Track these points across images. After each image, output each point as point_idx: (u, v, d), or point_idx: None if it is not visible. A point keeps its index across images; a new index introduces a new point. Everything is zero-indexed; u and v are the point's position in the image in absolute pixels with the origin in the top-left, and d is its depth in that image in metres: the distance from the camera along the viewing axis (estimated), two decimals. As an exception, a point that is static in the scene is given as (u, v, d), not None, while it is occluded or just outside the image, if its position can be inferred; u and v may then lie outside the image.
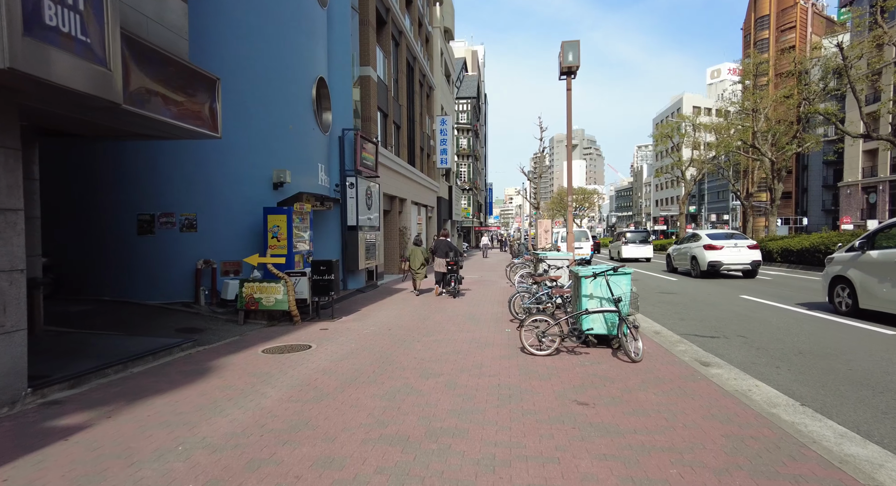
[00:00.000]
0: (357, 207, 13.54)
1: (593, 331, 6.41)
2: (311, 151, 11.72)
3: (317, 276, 9.10)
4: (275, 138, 10.42)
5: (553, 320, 6.21)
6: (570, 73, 10.82)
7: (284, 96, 10.66)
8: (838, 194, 52.58)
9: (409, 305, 11.15)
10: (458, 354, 6.33)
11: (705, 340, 7.65)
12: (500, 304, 11.00)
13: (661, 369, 5.61)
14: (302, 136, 11.28)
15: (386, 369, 5.59)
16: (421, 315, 9.59)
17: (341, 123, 13.57)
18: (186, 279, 9.48)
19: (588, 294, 6.60)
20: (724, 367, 6.01)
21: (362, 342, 7.09)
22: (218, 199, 9.74)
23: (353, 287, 13.97)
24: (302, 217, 10.29)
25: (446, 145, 31.53)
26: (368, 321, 8.94)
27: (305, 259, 10.28)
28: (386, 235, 19.32)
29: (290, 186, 10.68)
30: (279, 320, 8.93)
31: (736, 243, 15.97)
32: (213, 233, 9.71)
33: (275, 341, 7.24)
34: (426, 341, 7.09)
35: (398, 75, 21.48)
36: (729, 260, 15.76)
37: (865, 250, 8.71)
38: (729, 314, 9.74)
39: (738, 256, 15.83)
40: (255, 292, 8.68)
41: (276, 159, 10.39)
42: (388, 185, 18.16)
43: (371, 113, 16.36)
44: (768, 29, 64.74)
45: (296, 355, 6.32)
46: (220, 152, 9.71)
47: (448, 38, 40.07)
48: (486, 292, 13.32)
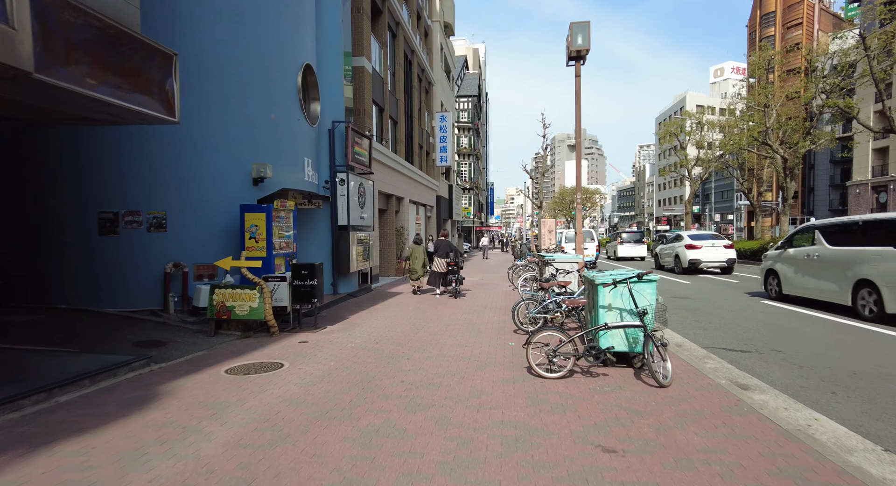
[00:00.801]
0: (348, 206, 12.59)
1: (613, 349, 5.46)
2: (296, 144, 10.78)
3: (298, 281, 8.16)
4: (255, 129, 9.49)
5: (565, 336, 5.26)
6: (580, 57, 9.88)
7: (266, 83, 9.73)
8: (846, 194, 51.54)
9: (404, 311, 10.21)
10: (454, 376, 5.38)
11: (736, 355, 6.71)
12: (503, 311, 10.05)
13: (697, 397, 4.66)
14: (286, 127, 10.34)
15: (366, 398, 4.64)
16: (415, 324, 8.65)
17: (331, 114, 12.63)
18: (154, 285, 8.54)
19: (606, 305, 5.65)
20: (768, 392, 5.07)
21: (343, 360, 6.14)
22: (191, 195, 8.81)
23: (345, 291, 13.03)
24: (284, 216, 9.35)
25: (446, 143, 30.58)
26: (355, 332, 8.00)
27: (288, 262, 9.34)
28: (382, 235, 18.38)
29: (271, 182, 9.75)
30: (255, 331, 7.99)
31: (713, 243, 17.52)
32: (184, 233, 8.78)
33: (243, 358, 6.30)
34: (417, 359, 6.14)
35: (395, 68, 20.55)
36: (707, 258, 17.34)
37: (786, 248, 11.00)
38: (754, 323, 8.79)
39: (715, 254, 17.38)
40: (227, 300, 7.74)
41: (256, 152, 9.45)
42: (383, 182, 17.23)
43: (365, 106, 15.42)
44: (774, 26, 63.67)
45: (262, 378, 5.37)
46: (194, 144, 8.78)
47: (448, 34, 39.12)
48: (486, 297, 12.37)
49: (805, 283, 10.26)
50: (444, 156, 30.64)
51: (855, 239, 9.17)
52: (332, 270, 12.72)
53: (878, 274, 8.31)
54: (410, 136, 23.53)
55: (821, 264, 9.78)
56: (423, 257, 13.33)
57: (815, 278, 9.96)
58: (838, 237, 9.59)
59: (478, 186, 59.29)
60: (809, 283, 10.14)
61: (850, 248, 9.17)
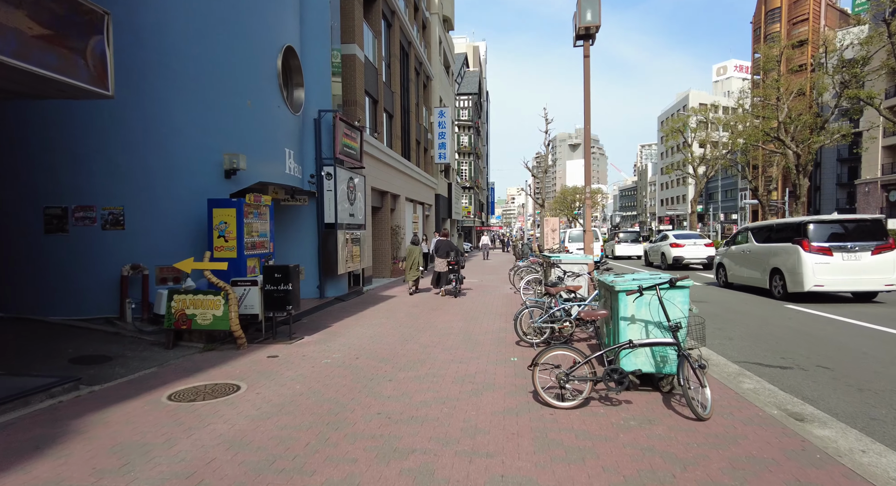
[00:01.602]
0: (336, 202, 11.60)
1: (640, 372, 4.48)
2: (276, 134, 9.80)
3: (270, 285, 7.17)
4: (228, 115, 8.51)
5: (580, 355, 4.27)
6: (588, 36, 8.89)
7: (241, 64, 8.75)
8: (854, 192, 50.48)
9: (394, 318, 9.22)
10: (444, 404, 4.39)
11: (775, 371, 5.73)
12: (504, 317, 9.06)
13: (748, 435, 3.68)
14: (264, 114, 9.36)
15: (328, 439, 3.65)
16: (404, 334, 7.67)
17: (318, 103, 11.65)
18: (110, 289, 7.56)
19: (629, 317, 4.66)
20: (831, 425, 4.08)
21: (313, 381, 5.15)
22: (152, 188, 7.83)
23: (333, 295, 12.05)
24: (258, 212, 8.37)
25: (445, 139, 29.58)
26: (335, 344, 7.01)
27: (263, 264, 8.36)
28: (375, 234, 17.40)
29: (246, 175, 8.77)
30: (221, 343, 7.01)
31: (695, 242, 19.54)
32: (145, 231, 7.81)
33: (196, 378, 5.32)
34: (401, 380, 5.15)
35: (390, 59, 19.56)
36: (689, 255, 19.21)
37: (730, 246, 13.55)
38: (785, 331, 7.80)
39: (696, 252, 19.26)
40: (187, 307, 6.75)
41: (229, 141, 8.47)
42: (377, 178, 16.24)
43: (357, 96, 14.44)
44: (779, 22, 62.63)
45: (209, 406, 4.39)
46: (157, 130, 7.80)
47: (447, 28, 38.12)
48: (486, 301, 11.38)
49: (741, 272, 12.78)
50: (444, 153, 29.64)
51: (772, 238, 11.67)
52: (319, 271, 11.75)
53: (783, 263, 10.90)
54: (407, 131, 22.55)
55: (750, 257, 12.31)
56: (419, 257, 13.05)
57: (747, 269, 12.47)
58: (762, 236, 12.12)
59: (478, 185, 58.27)
60: (744, 272, 12.63)
61: (768, 244, 11.69)
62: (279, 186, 10.51)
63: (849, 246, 10.08)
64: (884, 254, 9.98)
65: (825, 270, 10.04)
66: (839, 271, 10.02)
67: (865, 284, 10.12)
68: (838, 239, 10.28)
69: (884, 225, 10.49)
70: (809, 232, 10.40)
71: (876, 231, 10.32)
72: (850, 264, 10.02)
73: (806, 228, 10.50)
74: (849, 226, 10.51)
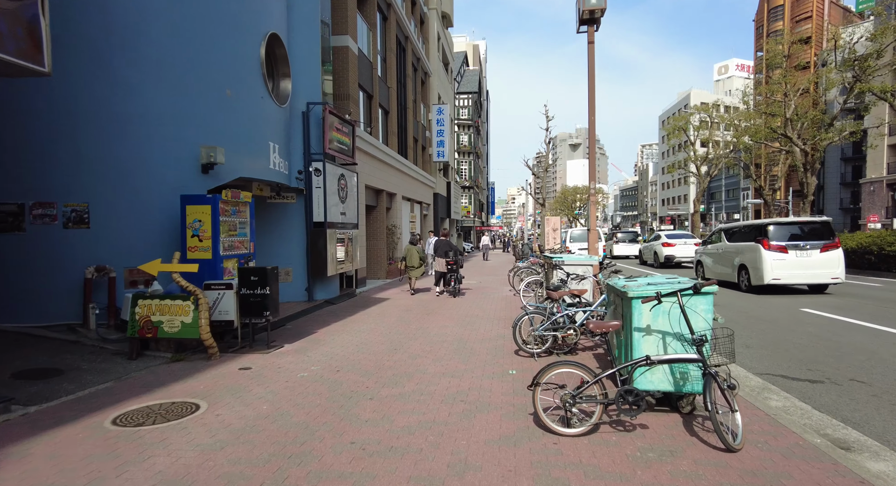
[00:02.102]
0: (325, 200, 10.98)
1: (659, 393, 3.87)
2: (259, 126, 9.18)
3: (246, 289, 6.56)
4: (205, 106, 7.90)
5: (588, 373, 3.65)
6: (593, 21, 8.27)
7: (220, 51, 8.14)
8: (858, 192, 49.79)
9: (385, 323, 8.61)
10: (430, 430, 3.78)
11: (805, 386, 5.12)
12: (502, 322, 8.45)
13: (791, 471, 3.06)
14: (246, 105, 8.75)
15: (287, 477, 3.02)
16: (393, 341, 7.05)
17: (307, 95, 11.03)
18: (73, 293, 6.95)
19: (643, 327, 4.05)
20: (886, 457, 3.47)
21: (283, 400, 4.53)
22: (122, 183, 7.22)
23: (322, 297, 11.43)
24: (237, 209, 7.76)
25: (444, 137, 28.96)
26: (316, 353, 6.39)
27: (242, 265, 7.75)
28: (369, 233, 16.78)
29: (225, 170, 8.15)
30: (193, 351, 6.40)
31: (685, 242, 20.44)
32: (113, 230, 7.20)
33: (153, 395, 4.70)
34: (384, 398, 4.53)
35: (386, 53, 18.95)
36: (680, 254, 20.12)
37: (707, 245, 14.80)
38: (806, 338, 7.18)
39: (687, 251, 19.98)
40: (153, 313, 6.14)
41: (206, 133, 7.86)
42: (371, 176, 15.63)
43: (350, 90, 13.83)
44: (782, 20, 61.97)
45: (157, 432, 3.77)
46: (126, 120, 7.20)
47: (447, 25, 37.50)
48: (484, 304, 10.76)
49: (715, 268, 13.92)
50: (442, 151, 29.01)
51: (740, 237, 12.95)
52: (308, 273, 11.13)
53: (748, 260, 12.18)
54: (404, 128, 21.93)
55: (723, 255, 13.59)
56: (417, 256, 12.90)
57: (720, 265, 13.68)
58: (732, 236, 13.43)
59: (478, 185, 57.63)
60: (718, 268, 13.77)
61: (736, 243, 12.97)
62: (263, 182, 9.89)
63: (801, 245, 11.46)
64: (830, 252, 11.43)
65: (781, 265, 11.43)
66: (793, 267, 11.42)
67: (816, 277, 11.51)
68: (793, 239, 11.63)
69: (831, 227, 11.94)
70: (769, 233, 11.75)
71: (825, 232, 11.70)
72: (802, 260, 11.44)
73: (766, 229, 11.85)
74: (803, 227, 11.84)
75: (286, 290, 11.10)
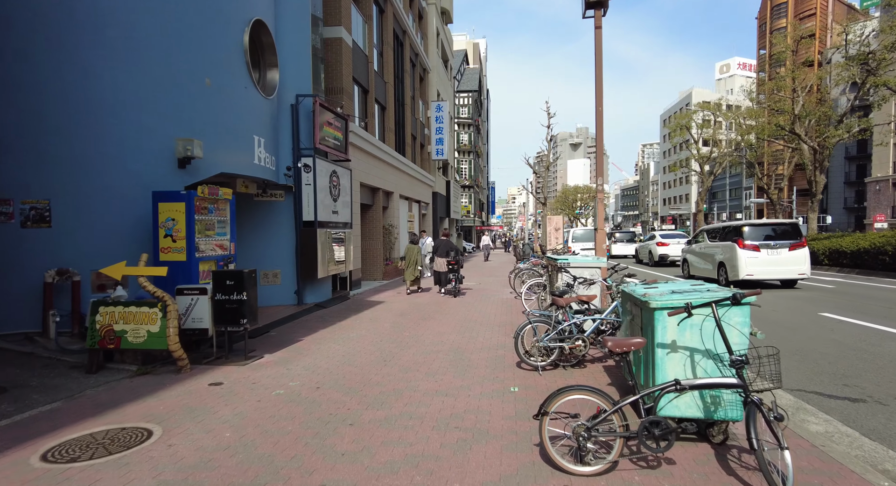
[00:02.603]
0: (315, 197, 10.38)
1: (682, 414, 3.27)
2: (243, 119, 8.58)
3: (221, 294, 5.96)
4: (182, 95, 7.30)
5: (605, 400, 3.05)
6: (599, 4, 7.67)
7: (198, 36, 7.53)
8: (863, 191, 49.20)
9: (377, 329, 8.01)
10: (416, 468, 3.17)
11: (845, 405, 4.52)
12: (503, 329, 7.84)
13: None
14: (228, 96, 8.15)
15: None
16: (384, 351, 6.44)
17: (296, 86, 10.43)
18: (31, 299, 6.34)
19: (668, 344, 3.45)
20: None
21: (251, 425, 3.93)
22: (87, 178, 6.62)
23: (313, 301, 10.83)
24: (216, 207, 7.16)
25: (443, 135, 28.35)
26: (298, 365, 5.79)
27: (221, 268, 7.15)
28: (366, 233, 16.19)
29: (204, 165, 7.55)
30: (162, 363, 5.81)
31: (678, 241, 20.84)
32: (77, 229, 6.60)
33: (104, 418, 4.10)
34: (367, 424, 3.93)
35: (383, 47, 18.34)
36: (673, 253, 20.53)
37: (691, 244, 15.90)
38: (834, 347, 6.58)
39: (679, 250, 19.65)
40: (115, 322, 5.54)
41: (182, 125, 7.25)
42: (367, 173, 15.02)
43: (343, 83, 13.22)
44: (786, 17, 61.33)
45: (90, 472, 3.17)
46: (92, 110, 6.60)
47: (446, 21, 36.90)
48: (483, 308, 10.15)
49: (699, 265, 14.91)
50: (441, 149, 28.41)
51: (720, 237, 14.00)
52: (297, 275, 10.53)
53: (726, 258, 13.18)
54: (402, 125, 21.33)
55: (705, 253, 14.57)
56: (418, 256, 12.86)
57: (703, 263, 14.66)
58: (713, 236, 14.52)
59: (478, 184, 57.00)
60: (701, 265, 14.76)
61: (717, 242, 14.00)
62: (249, 178, 9.29)
63: (772, 244, 12.59)
64: (798, 250, 12.58)
65: (754, 262, 12.54)
66: (765, 264, 12.55)
67: (785, 273, 12.64)
68: (765, 239, 12.74)
69: (799, 228, 13.21)
70: (744, 233, 12.85)
71: (793, 232, 12.90)
72: (773, 258, 12.57)
73: (741, 230, 12.98)
74: (774, 228, 13.03)
75: (274, 293, 10.51)
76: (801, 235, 12.89)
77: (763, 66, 64.82)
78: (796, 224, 13.18)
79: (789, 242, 12.65)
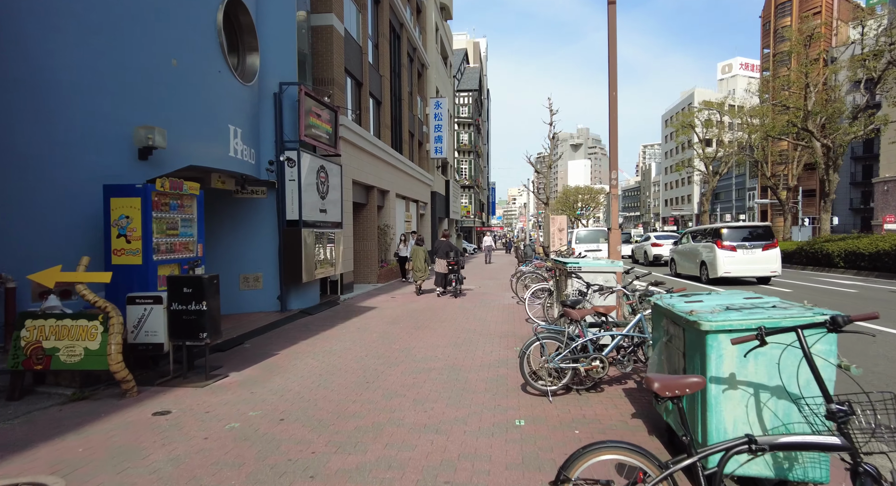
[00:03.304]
0: (300, 194, 9.53)
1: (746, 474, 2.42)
2: (215, 106, 7.73)
3: (178, 304, 5.11)
4: (143, 77, 6.45)
5: (650, 460, 2.20)
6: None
7: (164, 13, 6.69)
8: (869, 192, 48.29)
9: (364, 340, 7.15)
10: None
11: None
12: (505, 341, 6.98)
13: None
14: (198, 80, 7.30)
15: None
16: (368, 369, 5.58)
17: (279, 73, 9.59)
18: (-40, 308, 5.49)
19: (727, 379, 2.59)
20: None
21: (182, 478, 3.06)
22: (30, 170, 5.78)
23: (298, 307, 9.97)
24: (178, 202, 6.31)
25: (442, 132, 27.49)
26: (264, 388, 4.93)
27: (186, 272, 6.30)
28: (358, 234, 15.33)
29: (170, 156, 6.70)
30: (106, 385, 4.95)
31: (672, 242, 21.22)
32: (14, 229, 5.75)
33: (7, 462, 3.24)
34: (330, 477, 3.06)
35: (378, 39, 17.51)
36: (667, 253, 20.52)
37: (678, 245, 17.27)
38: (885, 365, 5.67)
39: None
40: (45, 338, 4.69)
41: (144, 111, 6.40)
42: (360, 170, 14.18)
43: (334, 74, 12.38)
44: (790, 16, 60.56)
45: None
46: (33, 92, 5.75)
47: (446, 17, 36.09)
48: (483, 315, 9.28)
49: (684, 264, 15.95)
50: (440, 147, 27.55)
51: (701, 238, 15.18)
52: (280, 279, 9.67)
53: (706, 257, 14.24)
54: (399, 121, 20.49)
55: (689, 253, 15.60)
56: (424, 257, 12.95)
57: (687, 262, 15.69)
58: (696, 238, 15.70)
59: (479, 184, 56.13)
60: (686, 264, 15.82)
61: (699, 243, 15.11)
62: (224, 173, 8.44)
63: (747, 245, 13.79)
64: (770, 250, 13.73)
65: (731, 261, 13.71)
66: (740, 262, 13.70)
67: (759, 271, 13.77)
68: (741, 240, 13.91)
69: (771, 230, 14.47)
70: (722, 235, 14.08)
71: (766, 234, 14.16)
72: (748, 257, 13.73)
73: (720, 231, 14.22)
74: (750, 231, 14.28)
75: (255, 298, 9.66)
76: (773, 236, 14.13)
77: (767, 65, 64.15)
78: (769, 227, 14.57)
79: (763, 242, 13.87)
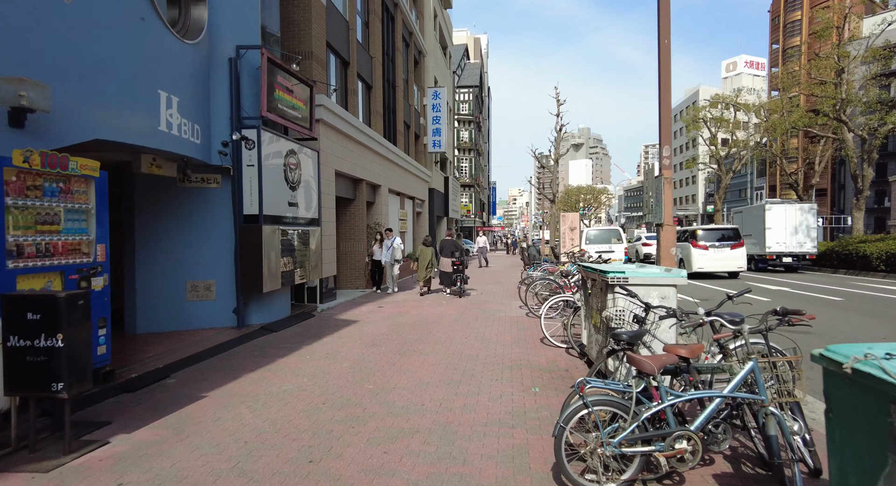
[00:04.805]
0: (261, 182, 7.72)
1: None
2: (138, 64, 5.91)
3: (18, 338, 3.30)
4: (17, 13, 4.64)
5: None
6: None
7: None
8: (885, 191, 46.39)
9: (328, 376, 5.33)
10: None
11: None
12: (517, 374, 5.16)
13: None
14: (108, 25, 5.49)
15: None
16: (321, 430, 3.77)
17: (237, 34, 7.78)
18: None
19: None
20: None
21: None
22: None
23: (260, 321, 8.15)
24: (60, 186, 4.49)
25: (440, 125, 25.64)
26: (143, 477, 3.11)
27: (75, 285, 4.48)
28: (344, 233, 13.51)
29: (58, 123, 4.88)
30: None
31: None
32: None
33: None
34: None
35: (369, 16, 15.70)
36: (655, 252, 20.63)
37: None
38: None
39: None
40: None
41: (17, 60, 4.59)
42: (344, 159, 12.34)
43: (313, 47, 10.57)
44: (801, 10, 58.70)
45: None
46: None
47: (445, 6, 34.32)
48: (487, 333, 7.43)
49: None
50: (438, 141, 25.69)
51: (681, 239, 17.21)
52: (237, 288, 7.85)
53: (683, 255, 16.72)
54: (392, 109, 18.67)
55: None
56: (430, 258, 12.77)
57: None
58: (678, 238, 16.13)
59: (479, 183, 54.21)
60: None
61: (679, 243, 16.47)
62: (158, 153, 6.61)
63: (717, 244, 16.06)
64: (737, 249, 15.97)
65: (704, 258, 15.97)
66: (712, 259, 15.95)
67: (728, 267, 16.05)
68: (713, 240, 16.19)
69: (739, 232, 16.63)
70: (697, 236, 16.35)
71: (734, 236, 16.30)
72: (718, 254, 15.98)
73: (696, 233, 16.53)
74: (721, 232, 16.47)
75: (206, 312, 7.84)
76: (740, 237, 16.40)
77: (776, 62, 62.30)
78: (737, 229, 16.72)
79: (731, 242, 16.15)
